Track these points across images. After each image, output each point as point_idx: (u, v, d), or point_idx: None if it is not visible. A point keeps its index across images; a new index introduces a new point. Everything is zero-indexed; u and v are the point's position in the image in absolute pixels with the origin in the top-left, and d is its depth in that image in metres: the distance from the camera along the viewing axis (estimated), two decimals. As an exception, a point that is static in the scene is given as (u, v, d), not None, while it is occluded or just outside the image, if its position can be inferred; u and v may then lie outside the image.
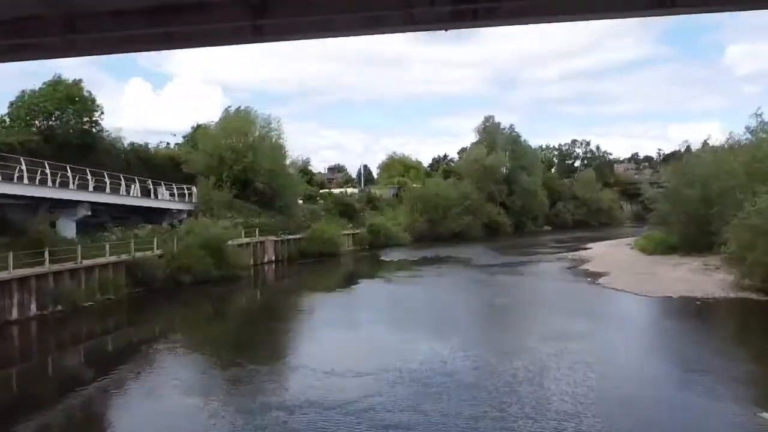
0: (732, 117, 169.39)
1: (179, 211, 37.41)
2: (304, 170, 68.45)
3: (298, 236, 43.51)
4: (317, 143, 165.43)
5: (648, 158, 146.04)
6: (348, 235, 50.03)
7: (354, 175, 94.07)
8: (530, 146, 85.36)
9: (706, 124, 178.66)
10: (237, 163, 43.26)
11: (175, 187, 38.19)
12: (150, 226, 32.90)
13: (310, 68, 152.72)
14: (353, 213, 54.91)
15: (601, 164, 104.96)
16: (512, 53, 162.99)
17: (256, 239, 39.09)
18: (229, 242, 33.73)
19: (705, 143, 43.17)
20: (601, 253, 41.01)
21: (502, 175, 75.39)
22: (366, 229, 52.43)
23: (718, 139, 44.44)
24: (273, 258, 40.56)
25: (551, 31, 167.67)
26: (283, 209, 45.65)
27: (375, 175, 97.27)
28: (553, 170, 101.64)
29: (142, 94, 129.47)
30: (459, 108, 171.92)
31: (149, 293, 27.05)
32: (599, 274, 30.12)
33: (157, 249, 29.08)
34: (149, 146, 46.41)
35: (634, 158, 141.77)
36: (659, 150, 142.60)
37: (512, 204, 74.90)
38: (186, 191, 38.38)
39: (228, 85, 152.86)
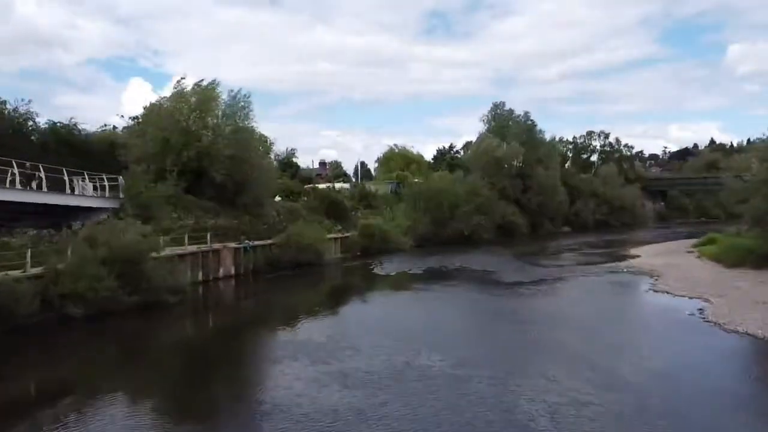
0: (732, 116, 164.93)
1: (100, 209, 27.65)
2: (288, 162, 58.84)
3: (268, 242, 33.82)
4: (317, 143, 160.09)
5: (653, 156, 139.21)
6: (335, 239, 40.34)
7: (351, 173, 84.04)
8: (545, 137, 75.10)
9: (707, 124, 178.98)
10: (187, 147, 33.44)
11: (85, 175, 28.26)
12: (35, 231, 23.11)
13: (310, 68, 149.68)
14: (343, 212, 45.15)
15: (620, 158, 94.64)
16: (512, 53, 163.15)
17: (207, 247, 29.35)
18: (163, 252, 24.17)
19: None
20: (662, 264, 31.18)
21: (515, 169, 65.47)
22: (358, 231, 42.71)
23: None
24: (231, 271, 30.77)
25: (551, 31, 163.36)
26: (250, 208, 35.85)
27: (373, 173, 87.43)
28: (567, 165, 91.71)
29: (142, 94, 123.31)
30: (459, 108, 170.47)
31: (8, 336, 17.31)
32: (694, 301, 20.40)
33: (33, 267, 19.35)
34: (81, 128, 36.33)
35: (638, 156, 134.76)
36: (665, 148, 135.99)
37: (527, 202, 65.00)
38: (108, 183, 28.51)
39: (228, 85, 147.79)
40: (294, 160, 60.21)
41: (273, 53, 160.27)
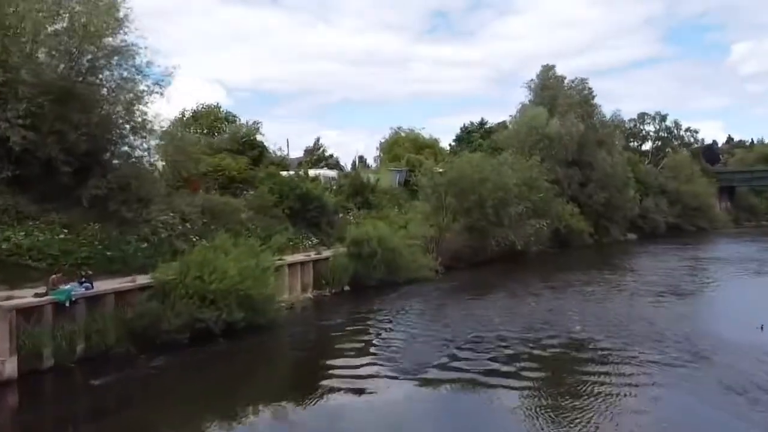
0: (735, 116, 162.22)
1: None
2: (249, 142, 39.24)
3: (140, 283, 15.03)
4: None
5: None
6: (301, 264, 21.60)
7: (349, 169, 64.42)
8: (603, 112, 55.68)
9: (709, 123, 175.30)
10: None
11: None
12: None
13: (310, 68, 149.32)
14: (322, 214, 26.39)
15: (688, 148, 75.07)
16: (513, 53, 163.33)
17: None
18: None
19: None
20: None
21: (571, 154, 46.40)
22: (346, 247, 23.93)
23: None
24: (8, 372, 11.86)
25: (554, 30, 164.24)
26: (111, 207, 16.90)
27: (375, 165, 68.27)
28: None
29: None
30: (460, 107, 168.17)
31: None
32: None
33: None
34: None
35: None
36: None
37: (588, 199, 46.16)
38: None
39: (229, 85, 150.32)
40: (259, 138, 40.18)
41: (273, 53, 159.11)
